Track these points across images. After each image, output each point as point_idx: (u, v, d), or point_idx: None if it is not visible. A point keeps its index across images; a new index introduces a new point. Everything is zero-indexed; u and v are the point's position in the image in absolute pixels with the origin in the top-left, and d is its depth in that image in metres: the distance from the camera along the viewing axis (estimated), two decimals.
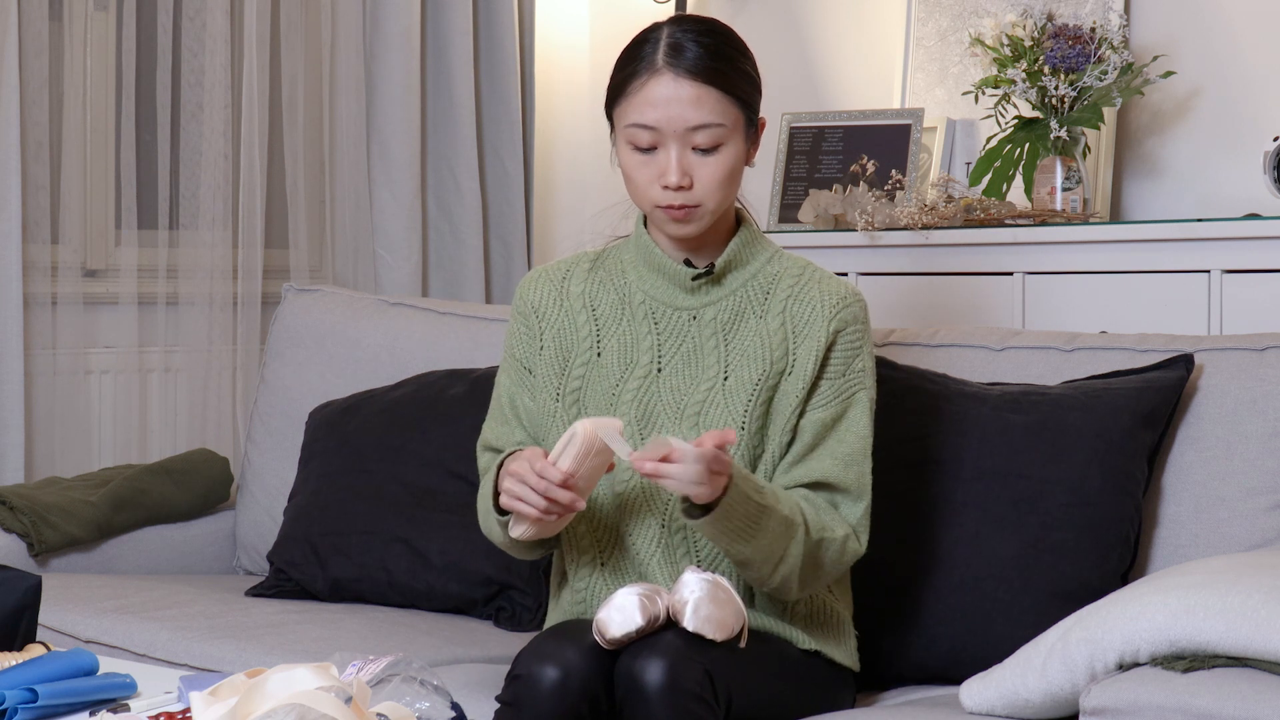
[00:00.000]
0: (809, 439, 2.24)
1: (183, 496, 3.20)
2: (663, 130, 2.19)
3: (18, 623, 2.07)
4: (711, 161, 2.20)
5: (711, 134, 2.19)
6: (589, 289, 2.33)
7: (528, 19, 4.45)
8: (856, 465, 2.24)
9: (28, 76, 3.65)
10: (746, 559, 2.15)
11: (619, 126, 2.24)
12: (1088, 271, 3.40)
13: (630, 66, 2.22)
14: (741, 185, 2.32)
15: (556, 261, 2.39)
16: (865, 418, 2.26)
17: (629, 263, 2.33)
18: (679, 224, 2.23)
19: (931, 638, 2.43)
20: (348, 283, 4.16)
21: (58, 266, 3.74)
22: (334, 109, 4.17)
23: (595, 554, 2.26)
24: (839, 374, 2.25)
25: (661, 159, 2.20)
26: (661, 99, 2.18)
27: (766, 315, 2.27)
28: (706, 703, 2.02)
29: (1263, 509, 2.42)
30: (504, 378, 2.37)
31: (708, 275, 2.27)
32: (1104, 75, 3.51)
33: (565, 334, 2.32)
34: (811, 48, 4.29)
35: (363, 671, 1.78)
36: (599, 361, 2.29)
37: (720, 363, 2.26)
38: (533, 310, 2.34)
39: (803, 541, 2.16)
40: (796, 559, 2.15)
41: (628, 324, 2.30)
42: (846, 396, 2.25)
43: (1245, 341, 2.53)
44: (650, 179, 2.22)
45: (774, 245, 2.34)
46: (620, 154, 2.25)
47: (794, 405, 2.24)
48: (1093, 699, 1.93)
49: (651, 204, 2.24)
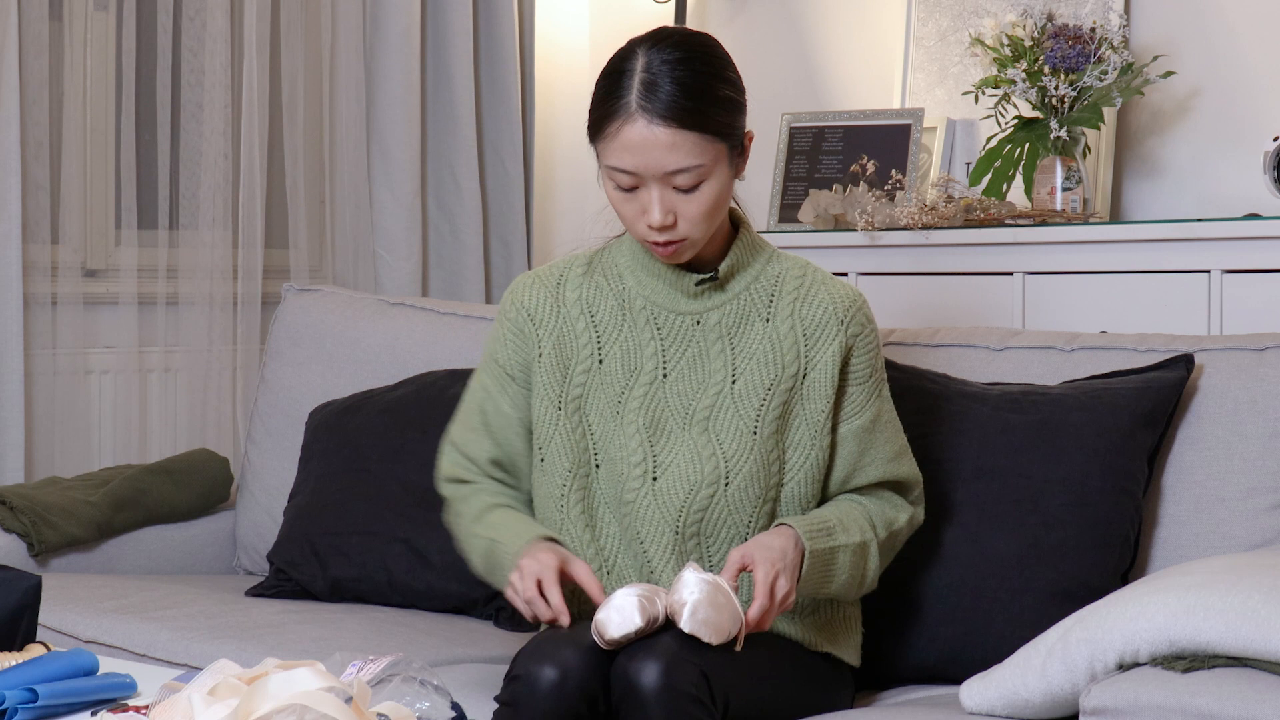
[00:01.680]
0: (855, 447, 2.28)
1: (183, 496, 3.20)
2: (642, 174, 2.15)
3: (18, 623, 2.07)
4: (695, 199, 2.17)
5: (691, 175, 2.15)
6: (585, 294, 2.31)
7: (528, 19, 4.45)
8: (905, 455, 2.34)
9: (28, 76, 3.65)
10: (833, 596, 2.26)
11: (600, 162, 2.20)
12: (1088, 271, 3.40)
13: (606, 105, 2.16)
14: (739, 192, 2.31)
15: (548, 265, 2.36)
16: (892, 408, 2.34)
17: (626, 266, 2.31)
18: (669, 258, 2.22)
19: (931, 638, 2.43)
20: (348, 283, 4.16)
21: (58, 266, 3.74)
22: (334, 109, 4.17)
23: (600, 562, 2.26)
24: (866, 378, 2.29)
25: (644, 198, 2.17)
26: (637, 144, 2.13)
27: (774, 319, 2.27)
28: (703, 704, 2.02)
29: (1263, 509, 2.42)
30: (477, 383, 2.36)
31: (712, 281, 2.26)
32: (1104, 75, 3.51)
33: (564, 341, 2.30)
34: (811, 48, 4.29)
35: (363, 671, 1.77)
36: (601, 369, 2.28)
37: (727, 367, 2.25)
38: (528, 317, 2.31)
39: (878, 552, 2.26)
40: (876, 568, 2.28)
41: (629, 329, 2.28)
42: (876, 396, 2.30)
43: (1245, 341, 2.53)
44: (635, 215, 2.19)
45: (770, 246, 2.34)
46: (605, 187, 2.22)
47: (823, 414, 2.25)
48: (1093, 699, 1.93)
49: (640, 237, 2.22)
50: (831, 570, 2.20)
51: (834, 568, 2.20)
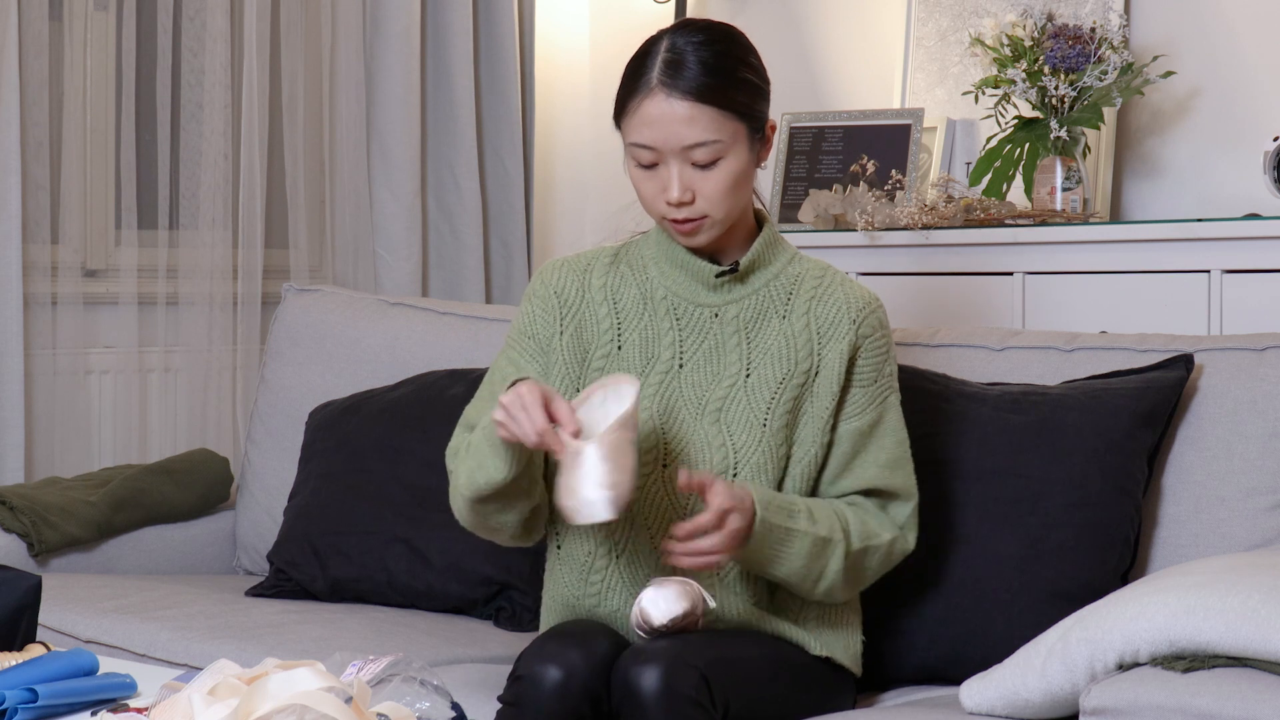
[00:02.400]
0: (848, 448, 2.26)
1: (183, 496, 3.20)
2: (660, 149, 2.19)
3: (18, 623, 2.07)
4: (712, 176, 2.20)
5: (709, 150, 2.19)
6: (610, 282, 2.33)
7: (528, 19, 4.45)
8: (902, 468, 2.29)
9: (28, 76, 3.65)
10: (782, 579, 2.20)
11: (624, 142, 2.25)
12: (1088, 271, 3.40)
13: (631, 83, 2.22)
14: (755, 185, 2.33)
15: (576, 254, 2.39)
16: (900, 419, 2.30)
17: (650, 258, 2.33)
18: (687, 236, 2.24)
19: (931, 638, 2.43)
20: (348, 283, 4.16)
21: (58, 266, 3.74)
22: (334, 109, 4.17)
23: (611, 545, 2.26)
24: (870, 380, 2.28)
25: (663, 174, 2.21)
26: (656, 119, 2.18)
27: (790, 316, 2.28)
28: (703, 707, 2.02)
29: (1263, 509, 2.42)
30: (503, 359, 2.34)
31: (733, 273, 2.28)
32: (1104, 75, 3.51)
33: (586, 325, 2.31)
34: (811, 48, 4.29)
35: (363, 671, 1.77)
36: (619, 355, 2.29)
37: (742, 360, 2.26)
38: (555, 295, 2.33)
39: (843, 556, 2.20)
40: (836, 573, 2.20)
41: (649, 319, 2.30)
42: (880, 402, 2.28)
43: (1245, 341, 2.53)
44: (655, 193, 2.23)
45: (792, 247, 2.36)
46: (628, 167, 2.26)
47: (827, 411, 2.25)
48: (1093, 699, 1.93)
49: (659, 216, 2.25)
50: (781, 552, 2.16)
51: (785, 549, 2.16)
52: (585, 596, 2.27)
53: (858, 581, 2.26)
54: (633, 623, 2.13)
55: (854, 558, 2.21)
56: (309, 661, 1.61)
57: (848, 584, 2.24)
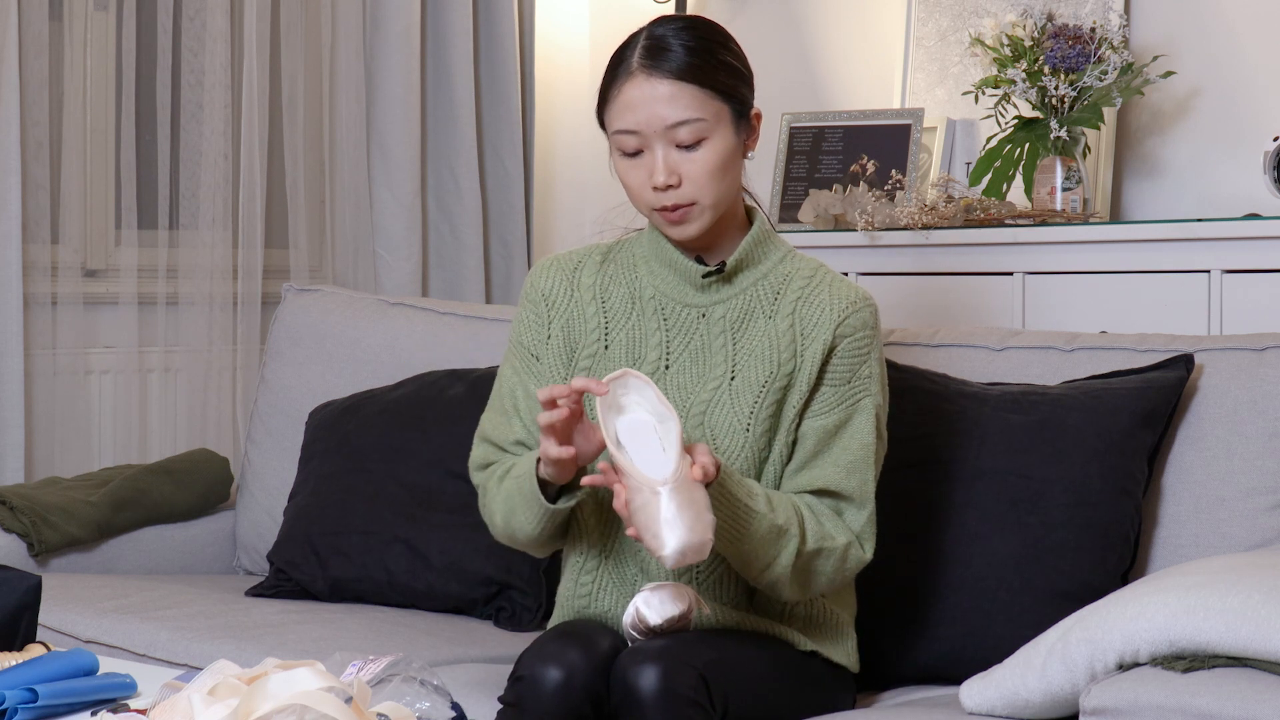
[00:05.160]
0: (811, 446, 2.23)
1: (183, 496, 3.20)
2: (644, 132, 2.19)
3: (18, 623, 2.07)
4: (697, 157, 2.19)
5: (692, 129, 2.18)
6: (600, 281, 2.32)
7: (528, 19, 4.45)
8: (859, 473, 2.22)
9: (28, 76, 3.65)
10: (731, 557, 2.16)
11: (608, 135, 2.24)
12: (1088, 271, 3.40)
13: (611, 74, 2.23)
14: (748, 182, 2.32)
15: (569, 251, 2.38)
16: (870, 425, 2.24)
17: (640, 257, 2.32)
18: (676, 225, 2.22)
19: (931, 638, 2.43)
20: (348, 283, 4.17)
21: (58, 266, 3.74)
22: (334, 109, 4.17)
23: (601, 545, 2.26)
24: (843, 380, 2.23)
25: (648, 161, 2.20)
26: (638, 101, 2.18)
27: (776, 316, 2.26)
28: (702, 707, 2.02)
29: (1263, 509, 2.42)
30: (507, 368, 2.35)
31: (718, 273, 2.26)
32: (1104, 75, 3.51)
33: (574, 324, 2.31)
34: (811, 48, 4.29)
35: (363, 671, 1.78)
36: (606, 354, 2.28)
37: (728, 362, 2.25)
38: (543, 298, 2.33)
39: (795, 551, 2.15)
40: (785, 567, 2.15)
41: (637, 319, 2.29)
42: (850, 404, 2.24)
43: (1245, 341, 2.53)
44: (641, 183, 2.21)
45: (787, 245, 2.33)
46: (614, 162, 2.25)
47: (797, 409, 2.23)
48: (1093, 699, 1.93)
49: (648, 207, 2.23)
50: (734, 529, 2.11)
51: (739, 528, 2.11)
52: (576, 597, 2.28)
53: (808, 583, 2.21)
54: (626, 624, 2.13)
55: (806, 557, 2.16)
56: (309, 661, 1.61)
57: (796, 582, 2.18)
